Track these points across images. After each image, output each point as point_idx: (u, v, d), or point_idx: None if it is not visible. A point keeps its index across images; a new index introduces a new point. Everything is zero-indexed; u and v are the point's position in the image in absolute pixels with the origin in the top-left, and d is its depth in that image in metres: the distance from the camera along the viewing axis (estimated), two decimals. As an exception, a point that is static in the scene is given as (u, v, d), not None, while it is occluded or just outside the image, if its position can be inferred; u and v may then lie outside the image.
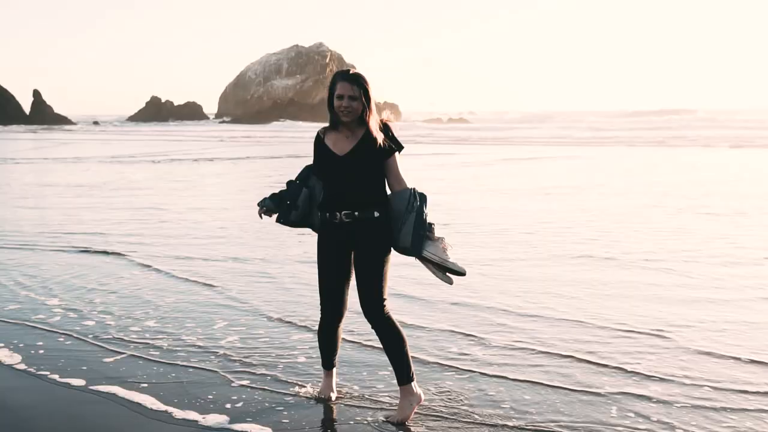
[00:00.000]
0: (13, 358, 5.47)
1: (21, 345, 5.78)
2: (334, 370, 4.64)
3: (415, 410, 4.32)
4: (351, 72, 4.17)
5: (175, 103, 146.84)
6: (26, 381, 5.04)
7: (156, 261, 9.00)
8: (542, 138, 51.39)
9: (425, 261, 4.20)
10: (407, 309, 6.77)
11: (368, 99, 4.10)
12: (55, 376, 5.08)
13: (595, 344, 5.73)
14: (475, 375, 5.08)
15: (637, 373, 5.08)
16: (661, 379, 4.97)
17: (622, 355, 5.47)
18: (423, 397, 4.39)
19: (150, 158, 31.48)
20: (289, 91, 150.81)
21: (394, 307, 4.22)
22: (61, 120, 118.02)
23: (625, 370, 5.14)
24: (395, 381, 4.36)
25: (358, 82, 4.08)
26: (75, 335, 6.03)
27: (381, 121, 4.23)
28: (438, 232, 4.23)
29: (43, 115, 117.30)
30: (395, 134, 4.24)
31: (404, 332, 4.31)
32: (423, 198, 4.22)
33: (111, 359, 5.44)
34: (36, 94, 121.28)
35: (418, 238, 4.13)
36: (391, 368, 4.43)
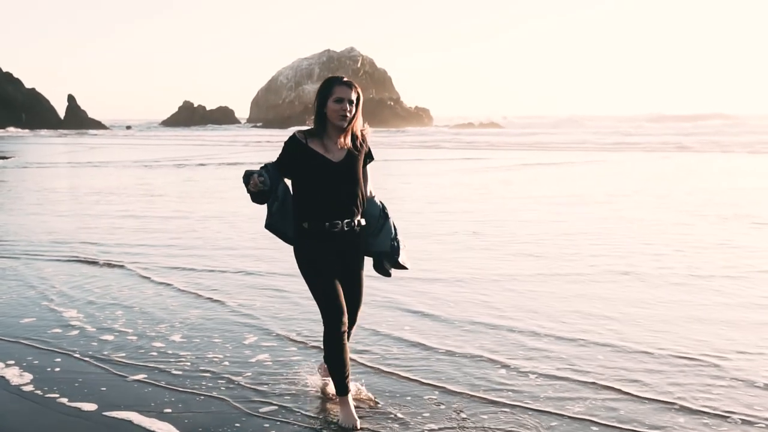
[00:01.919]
0: (22, 378, 5.08)
1: (35, 362, 5.40)
2: (350, 394, 4.25)
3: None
4: (345, 78, 4.13)
5: (207, 108, 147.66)
6: (31, 404, 4.61)
7: (170, 275, 8.53)
8: (574, 143, 50.30)
9: (385, 264, 4.32)
10: (425, 328, 6.16)
11: (359, 105, 4.11)
12: (64, 400, 4.66)
13: (637, 373, 5.07)
14: (516, 410, 4.46)
15: (690, 410, 4.42)
16: (721, 416, 4.32)
17: (670, 386, 4.81)
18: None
19: (174, 163, 31.21)
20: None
21: (408, 324, 3.70)
22: (95, 124, 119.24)
23: (676, 405, 4.49)
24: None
25: (354, 87, 4.09)
26: (85, 355, 5.57)
27: (361, 130, 4.23)
28: (466, 241, 3.82)
29: (77, 119, 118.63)
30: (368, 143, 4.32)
31: None
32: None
33: (124, 382, 4.98)
34: (70, 98, 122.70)
35: (396, 244, 4.30)
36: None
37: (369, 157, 4.29)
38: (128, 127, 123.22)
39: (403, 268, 4.37)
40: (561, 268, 8.60)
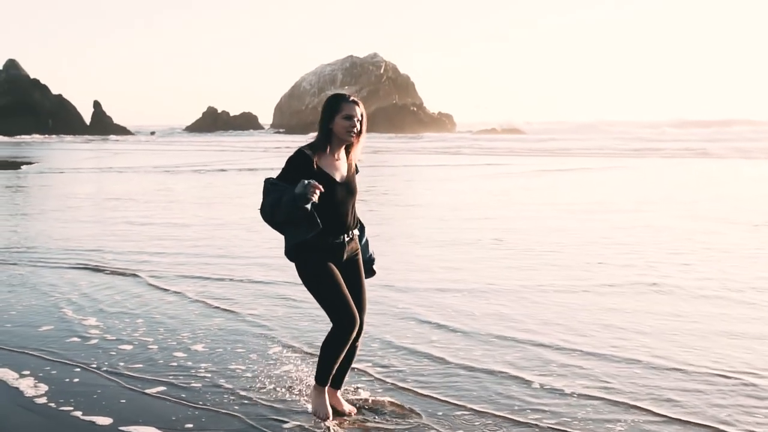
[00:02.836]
0: (36, 390, 4.92)
1: (51, 373, 5.24)
2: (327, 388, 4.37)
3: None
4: (351, 97, 4.22)
5: (231, 114, 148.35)
6: (43, 418, 4.45)
7: (187, 284, 8.34)
8: (597, 149, 49.71)
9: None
10: (444, 342, 5.89)
11: (363, 122, 4.23)
12: (78, 413, 4.49)
13: (672, 392, 4.78)
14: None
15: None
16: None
17: (710, 407, 4.52)
18: None
19: (195, 168, 31.20)
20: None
21: (426, 337, 3.42)
22: (120, 130, 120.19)
23: (718, 429, 4.20)
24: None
25: (359, 105, 4.21)
26: (101, 367, 5.39)
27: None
28: (488, 249, 3.61)
29: (102, 125, 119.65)
30: None
31: None
32: None
33: (141, 395, 4.79)
34: (96, 105, 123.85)
35: (372, 254, 4.62)
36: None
37: (356, 170, 4.43)
38: (152, 133, 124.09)
39: (374, 274, 4.66)
40: (587, 278, 8.28)
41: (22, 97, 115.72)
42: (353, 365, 5.23)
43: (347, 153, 4.28)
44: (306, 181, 3.91)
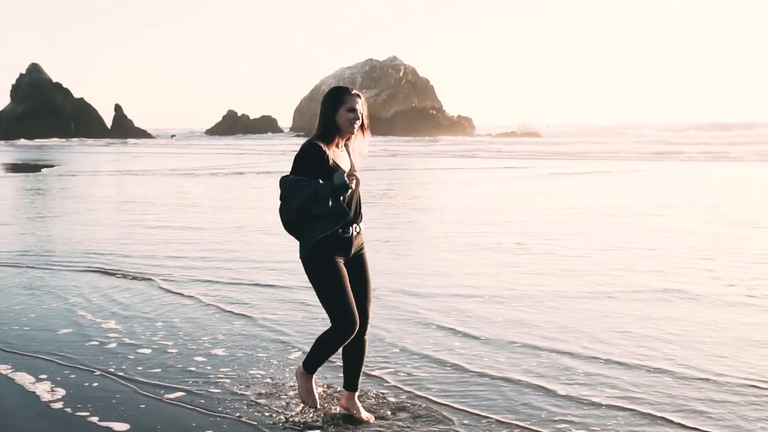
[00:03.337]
0: (53, 394, 4.87)
1: (70, 377, 5.19)
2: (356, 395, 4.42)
3: None
4: (353, 90, 4.25)
5: (251, 117, 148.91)
6: (57, 423, 4.40)
7: (204, 289, 8.28)
8: (617, 152, 49.29)
9: None
10: (461, 349, 5.76)
11: (364, 115, 4.28)
12: (95, 419, 4.42)
13: (701, 403, 4.64)
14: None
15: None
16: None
17: (741, 420, 4.37)
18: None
19: (213, 171, 31.27)
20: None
21: (442, 344, 3.30)
22: (141, 134, 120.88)
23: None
24: None
25: (362, 98, 4.25)
26: (119, 372, 5.33)
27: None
28: (508, 255, 3.49)
29: (123, 128, 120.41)
30: None
31: None
32: None
33: (159, 402, 4.71)
34: (117, 108, 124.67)
35: None
36: None
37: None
38: (173, 136, 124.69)
39: None
40: (608, 284, 8.13)
41: (45, 100, 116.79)
42: (372, 373, 5.14)
43: (346, 146, 4.32)
44: (343, 171, 4.02)
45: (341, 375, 4.48)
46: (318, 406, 4.43)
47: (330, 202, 4.00)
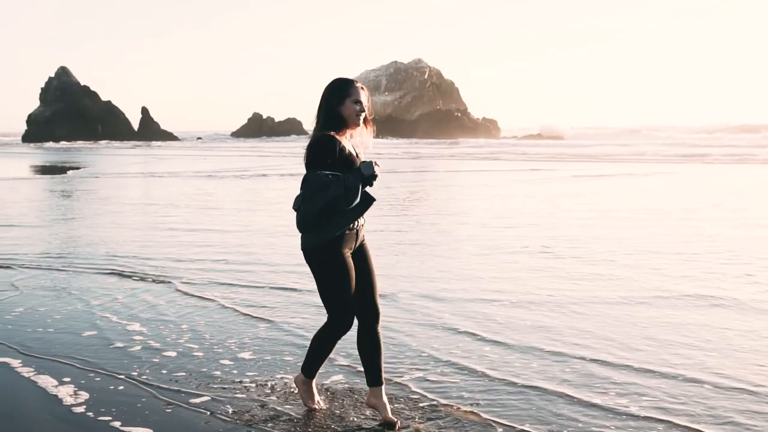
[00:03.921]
0: (76, 398, 4.81)
1: (95, 380, 5.15)
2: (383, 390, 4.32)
3: None
4: (357, 82, 4.20)
5: (276, 119, 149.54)
6: (79, 428, 4.34)
7: (224, 292, 8.22)
8: (643, 154, 48.74)
9: None
10: (487, 355, 5.62)
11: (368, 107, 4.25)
12: (117, 424, 4.36)
13: (738, 415, 4.45)
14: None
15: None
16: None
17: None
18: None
19: (236, 174, 31.35)
20: (388, 107, 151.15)
21: (467, 350, 3.17)
22: (167, 136, 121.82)
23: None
24: None
25: (365, 91, 4.22)
26: (143, 376, 5.27)
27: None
28: (533, 258, 3.36)
29: (150, 131, 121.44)
30: None
31: None
32: None
33: (184, 409, 4.63)
34: (144, 111, 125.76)
35: None
36: None
37: None
38: (198, 139, 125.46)
39: None
40: (638, 290, 7.94)
41: (73, 103, 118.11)
42: (397, 380, 5.03)
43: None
44: (371, 160, 4.03)
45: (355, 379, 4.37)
46: (324, 406, 4.49)
47: (358, 196, 3.98)
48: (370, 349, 4.26)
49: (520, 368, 5.36)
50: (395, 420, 4.25)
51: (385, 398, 4.30)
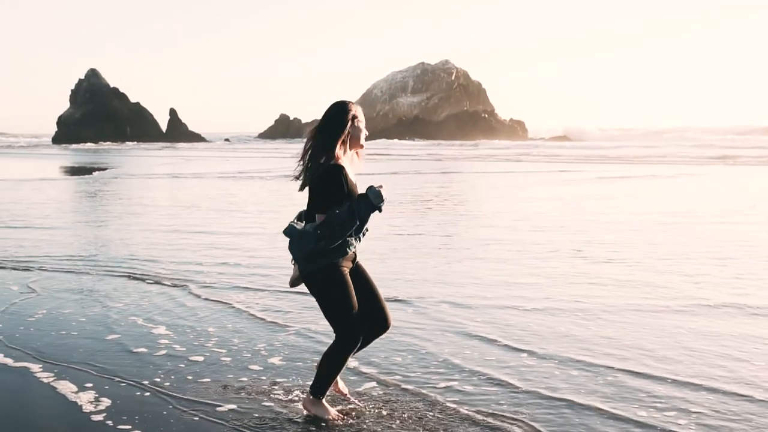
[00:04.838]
0: (97, 405, 4.68)
1: (121, 385, 5.05)
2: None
3: None
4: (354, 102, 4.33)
5: (303, 121, 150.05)
6: None
7: (247, 297, 8.11)
8: (674, 156, 48.03)
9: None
10: (512, 364, 5.39)
11: None
12: None
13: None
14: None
15: None
16: None
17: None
18: None
19: (261, 175, 31.40)
20: (415, 108, 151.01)
21: (492, 359, 2.96)
22: (195, 137, 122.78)
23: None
24: None
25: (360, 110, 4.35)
26: (165, 382, 5.14)
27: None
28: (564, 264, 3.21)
29: (178, 132, 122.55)
30: None
31: None
32: None
33: (206, 420, 4.48)
34: (172, 112, 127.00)
35: None
36: None
37: None
38: (226, 140, 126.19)
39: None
40: (673, 297, 7.66)
41: (102, 105, 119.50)
42: (422, 390, 4.88)
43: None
44: (378, 187, 4.12)
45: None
46: (344, 417, 4.41)
47: (367, 223, 4.19)
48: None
49: (549, 380, 5.14)
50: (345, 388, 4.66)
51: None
